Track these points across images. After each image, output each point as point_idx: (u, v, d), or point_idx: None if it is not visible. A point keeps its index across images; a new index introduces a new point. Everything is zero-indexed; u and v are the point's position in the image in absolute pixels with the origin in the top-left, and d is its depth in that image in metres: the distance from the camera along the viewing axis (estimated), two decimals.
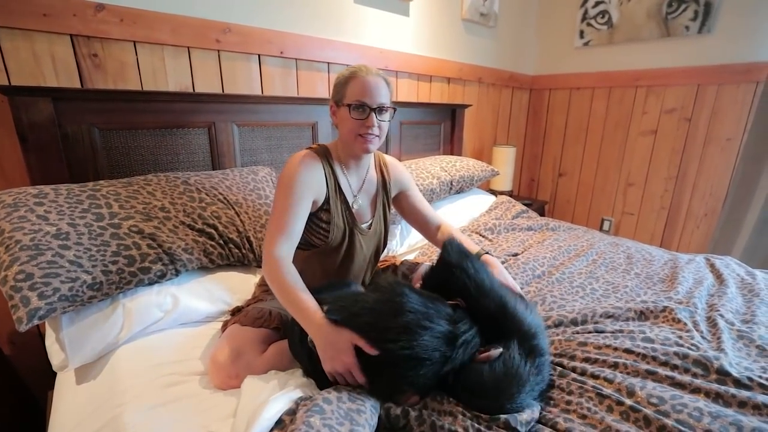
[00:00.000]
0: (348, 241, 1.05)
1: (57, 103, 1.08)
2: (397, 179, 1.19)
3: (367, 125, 0.95)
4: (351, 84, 0.95)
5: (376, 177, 1.15)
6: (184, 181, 1.21)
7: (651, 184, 2.52)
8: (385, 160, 1.19)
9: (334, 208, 1.01)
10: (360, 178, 1.10)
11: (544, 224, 1.85)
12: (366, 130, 0.96)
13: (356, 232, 1.06)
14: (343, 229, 1.03)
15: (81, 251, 0.90)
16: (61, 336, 0.87)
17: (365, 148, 0.98)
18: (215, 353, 0.86)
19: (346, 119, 0.96)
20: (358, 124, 0.95)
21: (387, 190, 1.16)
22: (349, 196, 1.05)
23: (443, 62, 2.25)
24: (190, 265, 1.07)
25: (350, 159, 1.05)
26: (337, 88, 0.98)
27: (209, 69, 1.40)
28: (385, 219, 1.17)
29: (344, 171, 1.05)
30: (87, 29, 1.13)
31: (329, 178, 1.01)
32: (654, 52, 2.36)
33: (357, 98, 0.94)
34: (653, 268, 1.42)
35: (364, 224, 1.10)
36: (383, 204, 1.15)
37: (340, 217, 1.03)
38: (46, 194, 0.97)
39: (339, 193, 1.03)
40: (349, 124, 0.96)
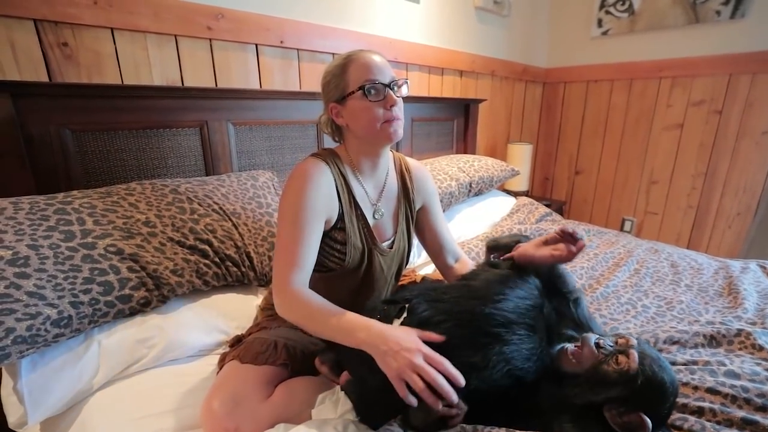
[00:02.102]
0: (367, 262, 0.88)
1: (18, 101, 0.91)
2: (422, 189, 1.00)
3: (389, 104, 0.80)
4: (350, 69, 0.80)
5: (398, 184, 0.97)
6: (173, 190, 1.04)
7: (677, 181, 2.36)
8: (408, 164, 1.01)
9: (350, 225, 0.84)
10: (378, 184, 0.92)
11: None
12: (390, 113, 0.80)
13: (375, 252, 0.89)
14: (361, 249, 0.86)
15: (44, 279, 0.74)
16: (18, 385, 0.71)
17: (392, 132, 0.82)
18: (208, 400, 0.70)
19: (362, 109, 0.79)
20: (378, 108, 0.79)
21: (410, 200, 0.98)
22: (366, 209, 0.88)
23: (455, 53, 2.09)
24: (179, 290, 0.91)
25: (365, 161, 0.88)
26: (334, 83, 0.82)
27: (200, 60, 1.23)
28: (409, 234, 0.99)
29: (359, 177, 0.88)
30: (53, 13, 0.96)
31: (342, 190, 0.83)
32: (680, 40, 2.19)
33: (366, 78, 0.78)
34: (704, 279, 1.26)
35: (386, 242, 0.93)
36: (406, 217, 0.97)
37: (358, 235, 0.86)
38: (2, 210, 0.80)
39: (354, 207, 0.86)
40: (366, 113, 0.79)
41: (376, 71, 0.79)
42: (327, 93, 0.84)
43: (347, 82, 0.80)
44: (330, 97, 0.83)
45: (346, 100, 0.80)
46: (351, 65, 0.80)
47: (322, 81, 0.84)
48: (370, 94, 0.78)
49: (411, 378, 0.58)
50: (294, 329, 0.89)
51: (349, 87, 0.80)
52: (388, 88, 0.80)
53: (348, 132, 0.86)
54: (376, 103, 0.79)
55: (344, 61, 0.81)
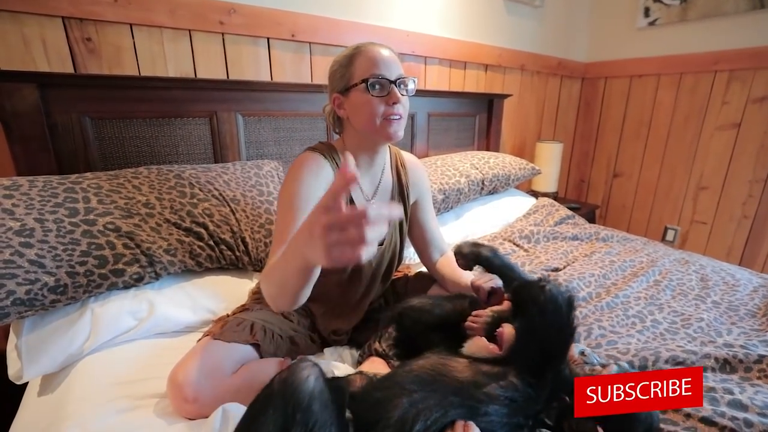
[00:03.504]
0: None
1: (44, 90, 1.01)
2: (416, 184, 1.00)
3: (391, 101, 0.79)
4: (357, 61, 0.80)
5: (393, 180, 0.97)
6: (176, 175, 1.10)
7: (730, 187, 2.10)
8: (403, 158, 1.01)
9: None
10: (374, 181, 0.93)
11: (593, 233, 1.57)
12: (392, 110, 0.79)
13: None
14: None
15: (45, 250, 0.81)
16: (19, 342, 0.79)
17: (392, 133, 0.81)
18: (175, 371, 0.73)
19: (364, 102, 0.79)
20: (380, 104, 0.78)
21: (405, 196, 0.97)
22: (359, 204, 0.88)
23: (480, 47, 2.01)
24: (171, 268, 0.97)
25: (362, 156, 0.88)
26: (340, 73, 0.82)
27: (213, 54, 1.30)
28: (401, 231, 0.98)
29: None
30: (79, 11, 1.06)
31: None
32: (740, 28, 1.95)
33: (372, 72, 0.78)
34: (738, 296, 1.12)
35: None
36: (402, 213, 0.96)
37: None
38: (18, 186, 0.89)
39: (349, 203, 0.86)
40: (368, 107, 0.79)
41: (382, 66, 0.78)
42: (332, 83, 0.84)
43: (352, 73, 0.80)
44: (334, 87, 0.83)
45: (349, 91, 0.80)
46: (358, 57, 0.80)
47: (330, 70, 0.85)
48: (374, 89, 0.78)
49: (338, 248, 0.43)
50: (275, 314, 0.91)
51: (353, 79, 0.80)
52: (393, 84, 0.79)
53: (348, 125, 0.86)
54: (378, 98, 0.78)
55: (352, 52, 0.81)
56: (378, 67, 0.78)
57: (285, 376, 0.50)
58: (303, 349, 0.88)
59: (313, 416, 0.47)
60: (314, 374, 0.50)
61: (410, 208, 1.01)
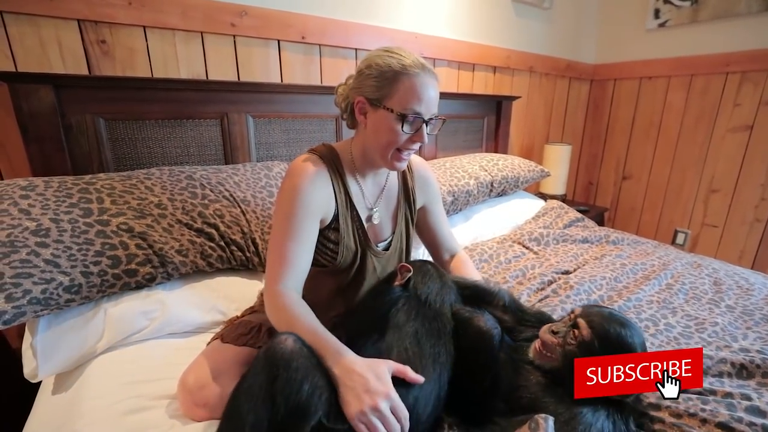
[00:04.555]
0: (359, 262, 0.87)
1: (60, 92, 1.02)
2: (424, 188, 0.98)
3: (414, 140, 0.77)
4: (404, 84, 0.72)
5: (398, 184, 0.95)
6: (188, 176, 1.11)
7: (742, 190, 2.08)
8: (411, 161, 0.98)
9: (344, 226, 0.83)
10: (378, 184, 0.91)
11: (603, 236, 1.56)
12: (409, 146, 0.77)
13: (369, 254, 0.88)
14: (354, 250, 0.85)
15: (60, 250, 0.82)
16: (34, 341, 0.79)
17: (398, 166, 0.80)
18: (185, 375, 0.74)
19: (386, 129, 0.75)
20: (402, 138, 0.75)
21: (411, 200, 0.96)
22: (362, 211, 0.86)
23: (488, 48, 2.01)
24: (183, 269, 0.97)
25: (368, 167, 0.86)
26: (377, 83, 0.74)
27: (224, 56, 1.31)
28: (408, 236, 0.97)
29: (358, 179, 0.86)
30: (93, 14, 1.07)
31: (338, 192, 0.81)
32: (752, 29, 1.93)
33: (411, 107, 0.73)
34: (753, 300, 1.10)
35: (382, 243, 0.92)
36: (406, 218, 0.95)
37: (351, 237, 0.84)
38: (34, 186, 0.91)
39: (351, 209, 0.84)
40: (388, 135, 0.75)
41: (423, 105, 0.74)
42: (362, 82, 0.77)
43: (391, 94, 0.73)
44: (364, 89, 0.76)
45: (378, 107, 0.75)
46: (405, 81, 0.72)
47: (364, 65, 0.77)
48: (406, 122, 0.74)
49: (371, 423, 0.56)
50: None
51: (390, 101, 0.74)
52: (424, 124, 0.76)
53: (361, 129, 0.83)
54: (404, 134, 0.75)
55: (400, 69, 0.72)
56: (421, 104, 0.73)
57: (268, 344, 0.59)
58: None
59: (296, 368, 0.56)
60: (292, 338, 0.59)
61: (420, 213, 1.00)
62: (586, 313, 0.70)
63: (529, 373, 0.70)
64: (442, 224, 1.04)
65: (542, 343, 0.71)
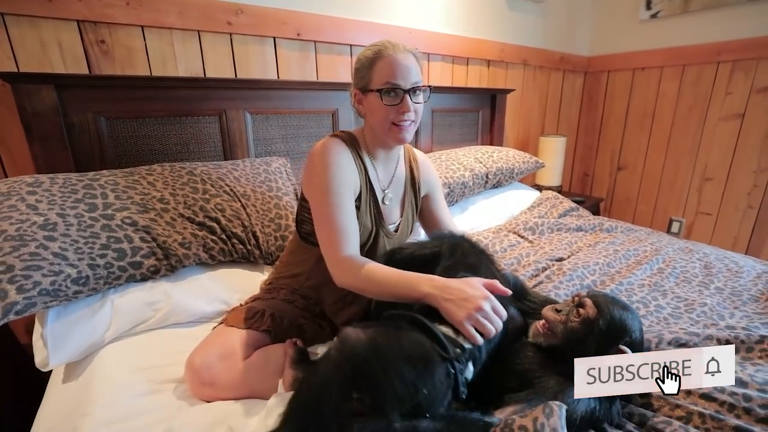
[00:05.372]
0: (372, 242, 0.93)
1: (62, 91, 1.05)
2: (427, 179, 1.06)
3: (402, 110, 0.83)
4: (378, 65, 0.82)
5: (405, 173, 1.01)
6: (189, 172, 1.14)
7: (735, 178, 2.10)
8: (415, 155, 1.06)
9: (364, 205, 0.89)
10: (389, 171, 0.97)
11: (597, 224, 1.59)
12: (401, 117, 0.83)
13: (382, 233, 0.94)
14: (370, 229, 0.91)
15: (67, 243, 0.85)
16: (44, 331, 0.82)
17: (401, 137, 0.86)
18: (192, 356, 0.77)
19: (377, 107, 0.83)
20: (391, 111, 0.82)
21: (416, 189, 1.03)
22: (378, 192, 0.93)
23: (482, 42, 2.03)
24: (186, 261, 1.00)
25: (380, 150, 0.92)
26: (361, 73, 0.84)
27: (221, 54, 1.33)
28: (412, 222, 1.04)
29: (373, 163, 0.93)
30: (93, 14, 1.10)
31: (360, 171, 0.88)
32: (742, 18, 1.95)
33: (387, 80, 0.81)
34: (741, 282, 1.13)
35: (391, 225, 0.98)
36: (412, 204, 1.02)
37: (369, 215, 0.90)
38: (41, 183, 0.93)
39: (370, 189, 0.90)
40: (380, 112, 0.83)
41: (399, 75, 0.80)
42: (355, 78, 0.87)
43: (371, 76, 0.82)
44: (356, 82, 0.87)
45: (367, 93, 0.84)
46: (378, 62, 0.81)
47: (355, 65, 0.87)
48: (387, 96, 0.81)
49: (479, 323, 0.62)
50: (285, 302, 0.94)
51: (371, 83, 0.83)
52: (406, 93, 0.82)
53: (367, 118, 0.90)
54: (390, 107, 0.82)
55: (374, 54, 0.82)
56: (395, 76, 0.80)
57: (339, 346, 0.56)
58: (312, 335, 0.91)
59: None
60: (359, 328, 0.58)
61: (424, 201, 1.07)
62: (592, 294, 0.73)
63: (527, 350, 0.73)
64: (444, 210, 1.10)
65: (545, 321, 0.73)
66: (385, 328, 0.59)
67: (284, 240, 1.15)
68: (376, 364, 0.52)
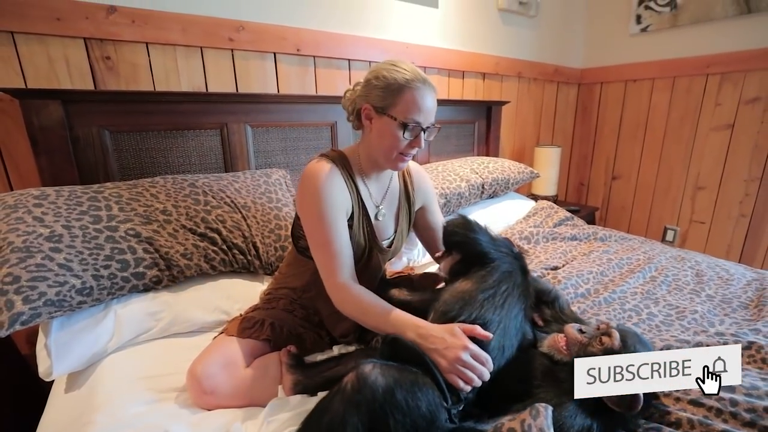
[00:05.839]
0: (366, 258, 0.95)
1: (68, 106, 1.08)
2: (422, 190, 1.06)
3: (413, 146, 0.86)
4: (406, 96, 0.81)
5: (399, 186, 1.03)
6: (191, 184, 1.16)
7: (727, 187, 2.14)
8: (409, 167, 1.07)
9: (357, 224, 0.91)
10: (383, 187, 0.99)
11: (591, 233, 1.61)
12: (410, 150, 0.86)
13: (375, 250, 0.96)
14: (363, 246, 0.93)
15: (72, 254, 0.87)
16: (48, 341, 0.84)
17: (400, 167, 0.90)
18: (193, 365, 0.79)
19: (390, 135, 0.83)
20: (402, 144, 0.84)
21: (410, 202, 1.04)
22: (370, 209, 0.94)
23: (477, 56, 2.08)
24: (188, 272, 1.02)
25: (373, 168, 0.94)
26: (383, 93, 0.82)
27: (223, 69, 1.37)
28: (407, 234, 1.06)
29: (365, 180, 0.94)
30: (99, 32, 1.13)
31: (352, 191, 0.90)
32: (730, 32, 2.01)
33: (412, 117, 0.81)
34: (731, 290, 1.16)
35: (385, 240, 0.99)
36: (406, 217, 1.04)
37: (362, 234, 0.92)
38: (46, 195, 0.96)
39: (361, 207, 0.92)
40: (391, 140, 0.84)
41: (423, 115, 0.82)
42: (370, 91, 0.84)
43: (395, 104, 0.82)
44: (370, 97, 0.84)
45: (383, 115, 0.83)
46: (408, 93, 0.81)
47: (372, 75, 0.84)
48: (407, 130, 0.83)
49: (460, 372, 0.65)
50: (285, 312, 0.96)
51: (393, 111, 0.82)
52: (423, 131, 0.85)
53: (367, 134, 0.90)
54: (404, 140, 0.84)
55: (404, 83, 0.81)
56: (420, 114, 0.82)
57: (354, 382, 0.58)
58: (311, 345, 0.92)
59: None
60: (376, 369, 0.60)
61: (419, 213, 1.08)
62: (621, 328, 0.72)
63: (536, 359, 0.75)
64: (440, 222, 1.09)
65: (566, 337, 0.73)
66: (401, 374, 0.61)
67: (284, 250, 1.17)
68: (391, 415, 0.56)
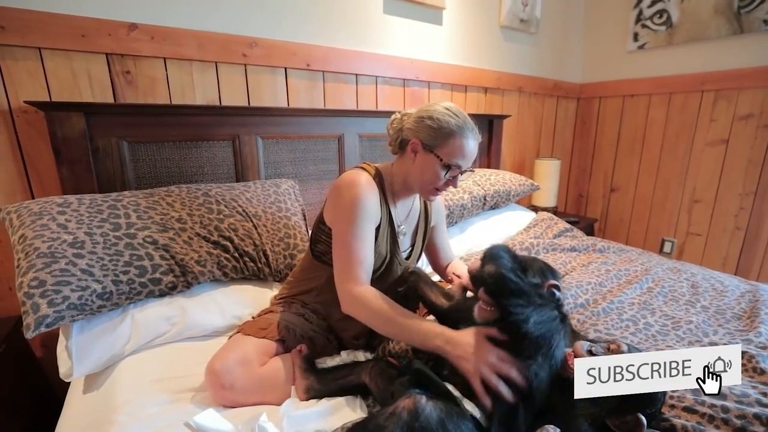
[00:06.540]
0: (386, 267, 1.00)
1: (89, 118, 1.13)
2: (437, 212, 1.16)
3: (449, 184, 0.94)
4: (455, 140, 0.88)
5: (420, 208, 1.11)
6: (204, 193, 1.21)
7: (722, 200, 2.20)
8: None
9: (381, 235, 0.96)
10: (407, 208, 1.07)
11: (590, 245, 1.66)
12: (445, 188, 0.95)
13: (396, 261, 1.02)
14: (384, 256, 0.99)
15: (94, 260, 0.91)
16: (69, 344, 0.87)
17: (432, 199, 1.00)
18: (212, 361, 0.82)
19: (431, 171, 0.91)
20: (441, 182, 0.92)
21: (427, 222, 1.13)
22: (396, 225, 1.01)
23: (479, 71, 2.15)
24: (202, 278, 1.06)
25: (405, 192, 1.01)
26: (435, 133, 0.89)
27: (236, 83, 1.42)
28: (421, 249, 1.13)
29: (395, 200, 1.02)
30: (120, 47, 1.19)
31: (383, 207, 0.96)
32: (723, 51, 2.08)
33: (456, 160, 0.89)
34: (726, 301, 1.19)
35: (404, 252, 1.06)
36: (423, 235, 1.12)
37: (385, 245, 0.98)
38: (69, 203, 1.00)
39: (389, 222, 0.99)
40: (431, 177, 0.91)
41: (465, 160, 0.91)
42: (423, 128, 0.90)
43: (442, 145, 0.89)
44: (421, 134, 0.91)
45: (430, 153, 0.90)
46: (457, 138, 0.88)
47: (426, 114, 0.90)
48: (449, 171, 0.90)
49: (487, 375, 0.65)
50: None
51: (440, 151, 0.89)
52: (461, 173, 0.93)
53: (407, 162, 0.95)
54: (445, 179, 0.92)
55: (457, 129, 0.88)
56: (463, 159, 0.90)
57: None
58: (320, 348, 0.96)
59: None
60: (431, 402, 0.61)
61: (430, 230, 1.15)
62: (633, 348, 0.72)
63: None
64: (445, 239, 1.20)
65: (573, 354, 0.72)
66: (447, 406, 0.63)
67: (293, 258, 1.21)
68: None
